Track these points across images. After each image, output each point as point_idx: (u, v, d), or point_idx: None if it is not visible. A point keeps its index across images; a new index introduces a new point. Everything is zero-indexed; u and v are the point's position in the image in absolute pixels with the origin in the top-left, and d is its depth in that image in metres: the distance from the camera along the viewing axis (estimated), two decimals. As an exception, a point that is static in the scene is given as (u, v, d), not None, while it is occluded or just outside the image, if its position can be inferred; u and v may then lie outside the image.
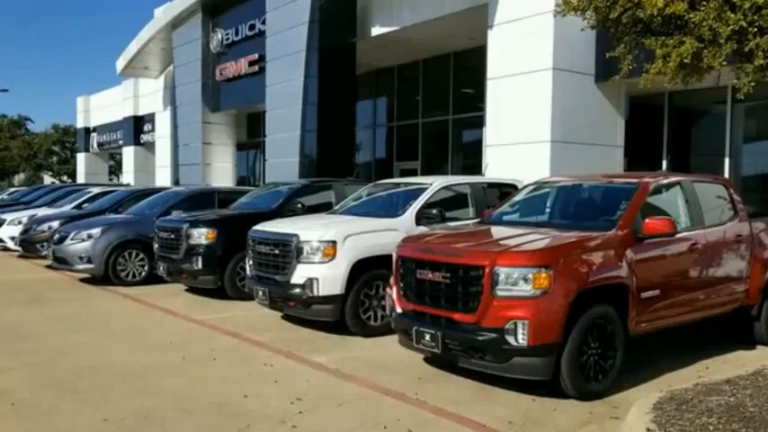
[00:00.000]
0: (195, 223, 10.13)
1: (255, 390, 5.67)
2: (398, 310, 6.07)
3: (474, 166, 17.02)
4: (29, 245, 14.22)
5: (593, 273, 5.31)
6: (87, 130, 37.12)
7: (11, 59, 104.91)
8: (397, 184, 9.54)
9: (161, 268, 10.54)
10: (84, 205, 16.02)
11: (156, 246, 10.87)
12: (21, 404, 5.35)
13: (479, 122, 16.89)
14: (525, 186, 7.57)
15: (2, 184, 53.27)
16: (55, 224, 13.85)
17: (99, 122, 35.86)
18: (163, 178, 25.38)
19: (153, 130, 28.46)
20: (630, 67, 7.52)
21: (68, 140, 53.94)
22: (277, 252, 7.82)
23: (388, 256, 7.63)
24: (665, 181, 6.65)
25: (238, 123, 22.34)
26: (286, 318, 8.61)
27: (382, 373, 6.18)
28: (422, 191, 8.43)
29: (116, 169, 47.97)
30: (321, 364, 6.50)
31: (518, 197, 7.38)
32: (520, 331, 5.04)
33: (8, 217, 16.44)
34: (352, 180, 12.53)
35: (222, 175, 21.18)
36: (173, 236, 10.36)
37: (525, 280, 5.10)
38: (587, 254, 5.37)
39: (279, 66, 16.21)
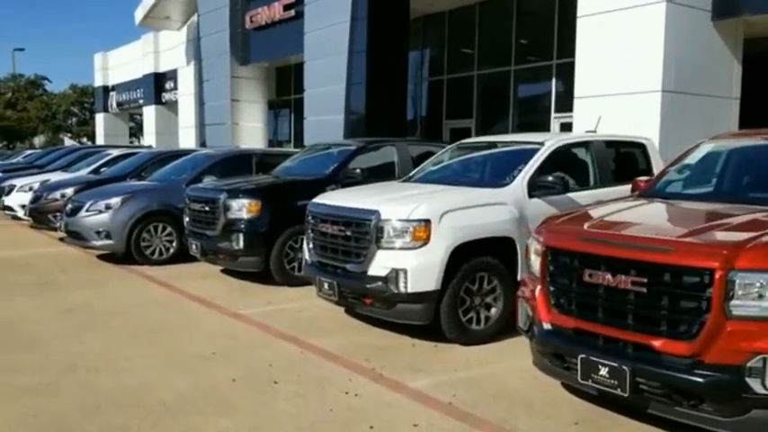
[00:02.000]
0: (235, 193, 8.28)
1: (347, 445, 3.87)
2: (546, 325, 4.19)
3: (538, 124, 15.01)
4: (39, 215, 12.50)
5: None
6: (106, 89, 35.35)
7: (26, 16, 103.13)
8: (493, 144, 7.56)
9: (193, 247, 8.74)
10: (102, 170, 14.27)
11: (186, 219, 9.05)
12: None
13: (547, 74, 14.82)
14: (696, 146, 5.54)
15: (22, 146, 51.89)
16: (69, 191, 12.09)
17: (118, 81, 34.05)
18: (187, 140, 23.58)
19: (175, 87, 26.62)
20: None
21: (87, 101, 52.46)
22: (349, 234, 5.95)
23: (496, 240, 5.81)
24: None
25: (269, 78, 20.33)
26: (351, 312, 6.80)
27: (519, 411, 4.34)
28: (531, 153, 6.48)
29: (136, 131, 46.43)
30: (424, 394, 4.68)
31: (689, 160, 5.39)
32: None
33: (18, 182, 14.73)
34: (414, 140, 10.57)
35: (252, 135, 19.29)
36: (207, 208, 8.53)
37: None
38: None
39: (319, 9, 14.14)
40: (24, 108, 52.83)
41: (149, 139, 29.38)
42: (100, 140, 35.02)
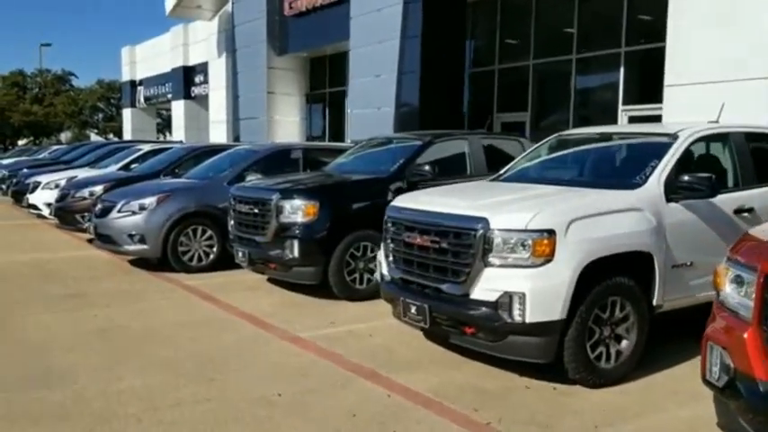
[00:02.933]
0: (289, 193, 7.17)
1: None
2: (764, 385, 3.00)
3: (603, 117, 13.75)
4: (66, 214, 11.52)
5: None
6: (133, 84, 34.58)
7: (53, 11, 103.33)
8: (606, 136, 6.34)
9: (240, 254, 7.64)
10: (133, 166, 13.27)
11: (231, 223, 7.97)
12: None
13: (613, 63, 13.54)
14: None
15: (49, 142, 51.53)
16: (97, 189, 11.12)
17: (146, 75, 33.24)
18: (217, 135, 22.58)
19: (205, 81, 25.67)
20: None
21: (113, 96, 52.03)
22: (444, 246, 4.78)
23: (632, 255, 4.65)
24: None
25: (305, 70, 19.23)
26: (433, 337, 5.65)
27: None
28: (662, 147, 5.27)
29: (163, 127, 45.79)
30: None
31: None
32: None
33: (44, 179, 13.80)
34: (486, 133, 9.40)
35: (288, 130, 18.21)
36: (257, 210, 7.43)
37: None
38: None
39: (367, -9, 12.99)
40: (51, 103, 52.53)
41: (178, 134, 28.51)
42: (127, 136, 34.29)
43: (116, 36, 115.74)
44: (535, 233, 4.38)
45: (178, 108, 28.47)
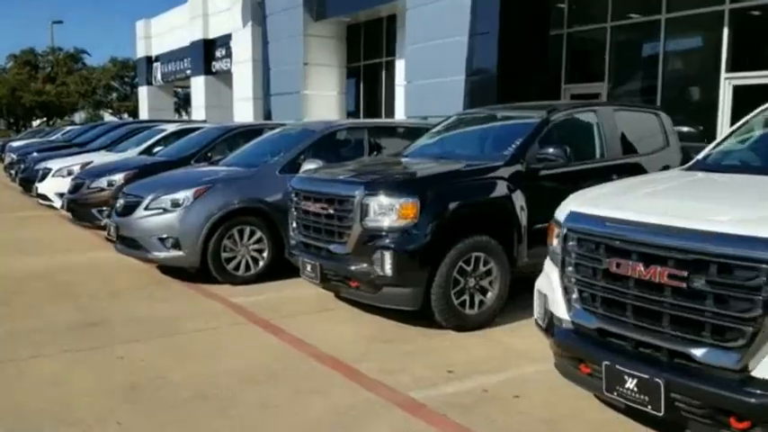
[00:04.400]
0: (378, 187, 5.31)
1: None
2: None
3: (698, 86, 11.81)
4: (80, 208, 9.75)
5: None
6: (149, 60, 32.68)
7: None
8: None
9: (307, 268, 5.79)
10: (156, 150, 11.47)
11: (293, 225, 6.12)
12: None
13: (713, 23, 11.50)
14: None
15: (63, 123, 49.92)
16: (117, 178, 9.37)
17: (162, 50, 31.31)
18: (243, 114, 20.68)
19: (227, 55, 23.78)
20: None
21: (127, 75, 50.32)
22: (701, 284, 2.89)
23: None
24: None
25: (343, 38, 17.22)
26: (606, 401, 3.78)
27: None
28: None
29: (180, 105, 44.06)
30: None
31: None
32: None
33: (55, 165, 12.04)
34: (616, 104, 7.45)
35: (326, 106, 16.27)
36: (331, 210, 5.56)
37: None
38: None
39: (429, -61, 10.98)
40: (63, 83, 50.90)
41: (198, 113, 26.66)
42: (143, 116, 32.46)
43: (129, 11, 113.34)
44: None
45: (198, 85, 26.60)
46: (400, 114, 14.08)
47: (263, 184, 7.21)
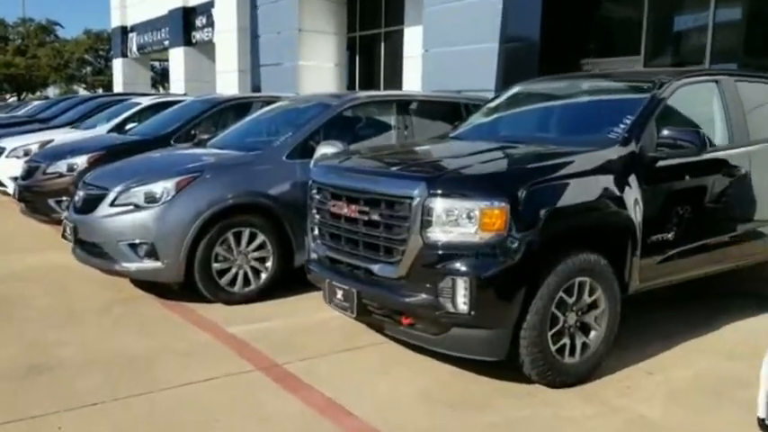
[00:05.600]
0: (448, 183, 3.68)
1: None
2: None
3: (755, 59, 10.28)
4: (34, 197, 7.97)
5: None
6: (124, 31, 30.41)
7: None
8: None
9: (337, 295, 4.12)
10: (130, 126, 9.70)
11: (315, 231, 4.46)
12: None
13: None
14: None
15: (34, 98, 47.41)
16: (80, 161, 7.63)
17: (138, 20, 29.09)
18: (226, 87, 18.77)
19: (209, 24, 21.78)
20: None
21: (102, 48, 47.88)
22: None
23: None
24: None
25: (343, 1, 15.36)
26: None
27: None
28: None
29: (158, 81, 41.87)
30: None
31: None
32: None
33: (9, 144, 10.20)
34: (737, 73, 5.80)
35: (322, 80, 14.50)
36: (375, 216, 3.89)
37: None
38: None
39: None
40: (34, 55, 48.26)
41: (176, 87, 24.66)
42: (118, 90, 30.28)
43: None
44: None
45: (177, 56, 24.57)
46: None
47: (265, 172, 5.55)
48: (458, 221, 3.60)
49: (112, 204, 5.34)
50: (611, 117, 4.38)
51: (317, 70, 14.53)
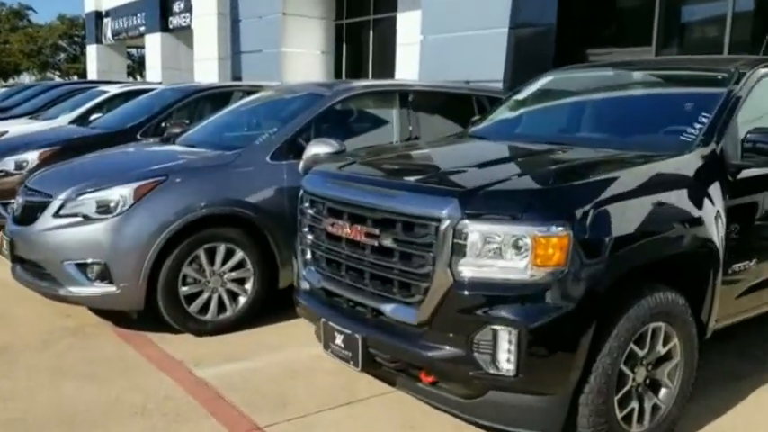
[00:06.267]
0: (488, 200, 2.76)
1: None
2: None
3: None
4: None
5: None
6: (99, 15, 29.12)
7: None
8: None
9: (336, 339, 3.19)
10: (95, 117, 8.68)
11: (308, 256, 3.52)
12: None
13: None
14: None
15: (5, 85, 45.82)
16: (31, 158, 6.63)
17: (113, 4, 27.82)
18: (206, 76, 17.72)
19: (187, 9, 20.70)
20: None
21: (77, 34, 46.29)
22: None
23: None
24: None
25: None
26: None
27: None
28: None
29: (135, 69, 40.56)
30: None
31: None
32: None
33: (-44, 136, 9.10)
34: None
35: (307, 67, 13.51)
36: (388, 240, 2.96)
37: None
38: None
39: None
40: (6, 41, 46.59)
41: (153, 75, 23.54)
42: (92, 78, 28.99)
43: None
44: None
45: (153, 43, 23.45)
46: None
47: (245, 175, 4.61)
48: (501, 252, 2.69)
49: (57, 215, 4.37)
50: (680, 115, 3.50)
51: (302, 58, 13.54)
